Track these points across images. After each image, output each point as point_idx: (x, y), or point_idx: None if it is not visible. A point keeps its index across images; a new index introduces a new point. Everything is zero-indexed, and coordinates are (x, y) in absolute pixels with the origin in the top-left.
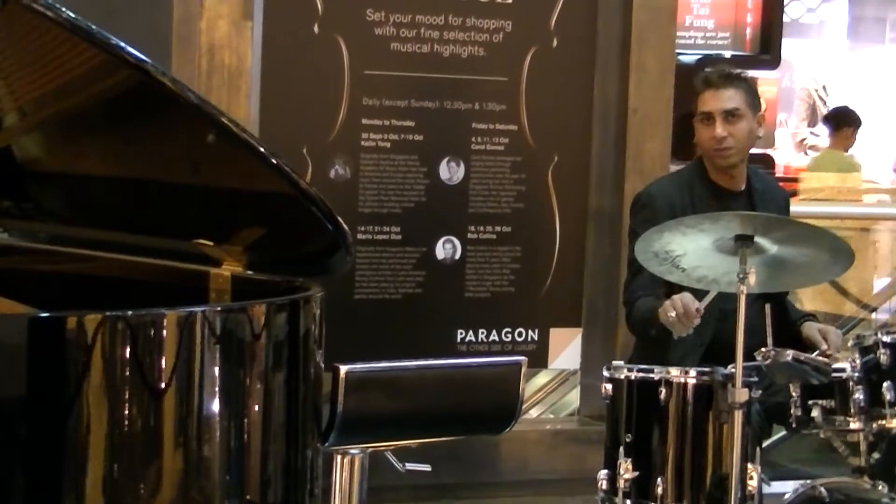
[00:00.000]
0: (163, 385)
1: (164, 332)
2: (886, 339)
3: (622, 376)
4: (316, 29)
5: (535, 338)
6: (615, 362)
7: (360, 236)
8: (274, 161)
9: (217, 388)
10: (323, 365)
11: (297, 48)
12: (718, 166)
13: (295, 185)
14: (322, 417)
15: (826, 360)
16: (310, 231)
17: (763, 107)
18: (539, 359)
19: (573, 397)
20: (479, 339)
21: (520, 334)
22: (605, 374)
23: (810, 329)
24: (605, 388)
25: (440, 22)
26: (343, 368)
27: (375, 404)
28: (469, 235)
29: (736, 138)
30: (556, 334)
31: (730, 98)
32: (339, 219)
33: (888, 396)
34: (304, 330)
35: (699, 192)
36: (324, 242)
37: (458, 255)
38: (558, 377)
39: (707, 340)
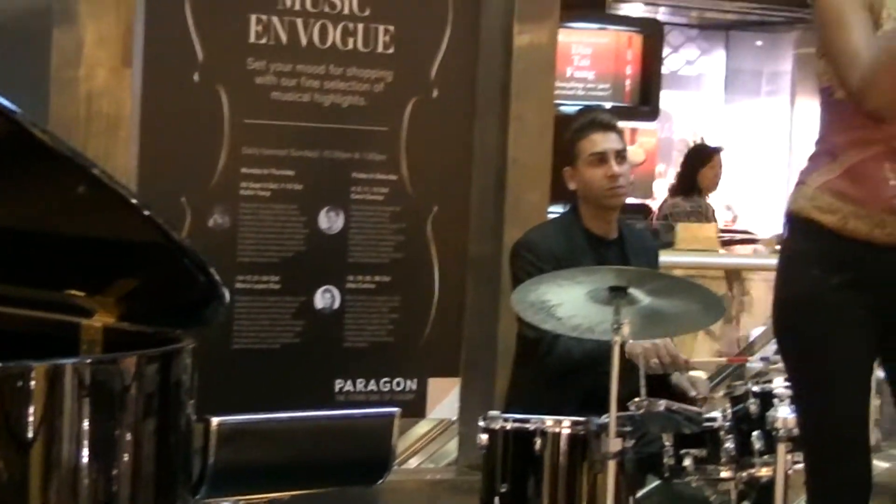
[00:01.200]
0: (30, 437)
1: (33, 384)
2: (756, 389)
3: (498, 426)
4: (196, 77)
5: (414, 387)
6: (491, 412)
7: (238, 285)
8: (146, 212)
9: (86, 440)
10: (195, 416)
11: (176, 96)
12: (607, 208)
13: (167, 236)
14: (193, 469)
15: (698, 410)
16: (183, 282)
17: (642, 158)
18: (417, 408)
19: (452, 447)
20: (358, 389)
21: (398, 384)
22: (481, 423)
23: (679, 377)
24: (480, 438)
25: (321, 72)
26: (215, 420)
27: (248, 456)
28: (348, 285)
29: (626, 178)
30: (434, 384)
31: (617, 140)
32: (213, 270)
33: (758, 445)
34: (176, 381)
35: (576, 239)
36: (198, 293)
37: (336, 305)
38: (437, 427)
39: (588, 389)
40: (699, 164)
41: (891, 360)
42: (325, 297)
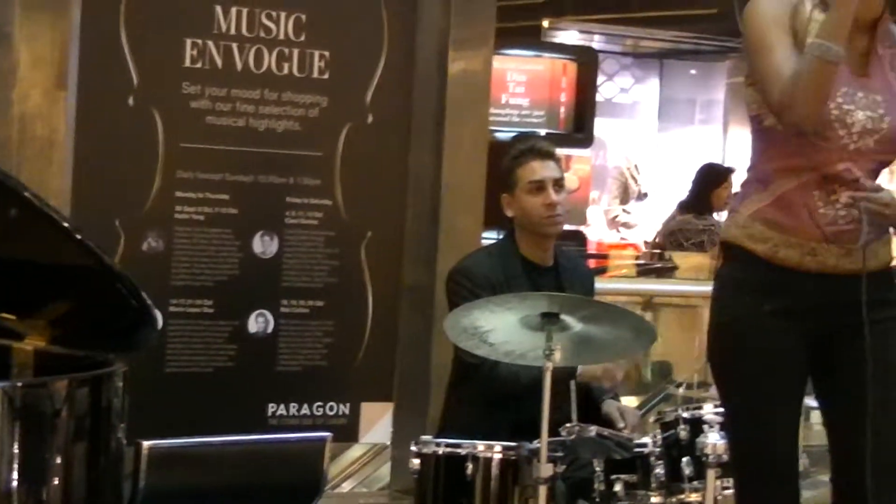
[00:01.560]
0: None
1: None
2: (686, 415)
3: (430, 451)
4: (131, 101)
5: (347, 412)
6: (423, 437)
7: (172, 309)
8: (78, 236)
9: (16, 463)
10: (126, 440)
11: (111, 120)
12: (544, 236)
13: (100, 260)
14: (124, 493)
15: (629, 435)
16: (115, 306)
17: (577, 185)
18: (350, 433)
19: (385, 471)
20: (291, 413)
21: (331, 408)
22: (414, 448)
23: (609, 406)
24: (413, 462)
25: (256, 96)
26: (146, 444)
27: (179, 480)
28: (282, 309)
29: (563, 206)
30: (367, 408)
31: (555, 168)
32: (144, 295)
33: (687, 471)
34: (107, 405)
35: (512, 266)
36: (130, 318)
37: (270, 329)
38: (370, 451)
39: (521, 415)
40: (714, 184)
41: (821, 386)
42: (258, 322)
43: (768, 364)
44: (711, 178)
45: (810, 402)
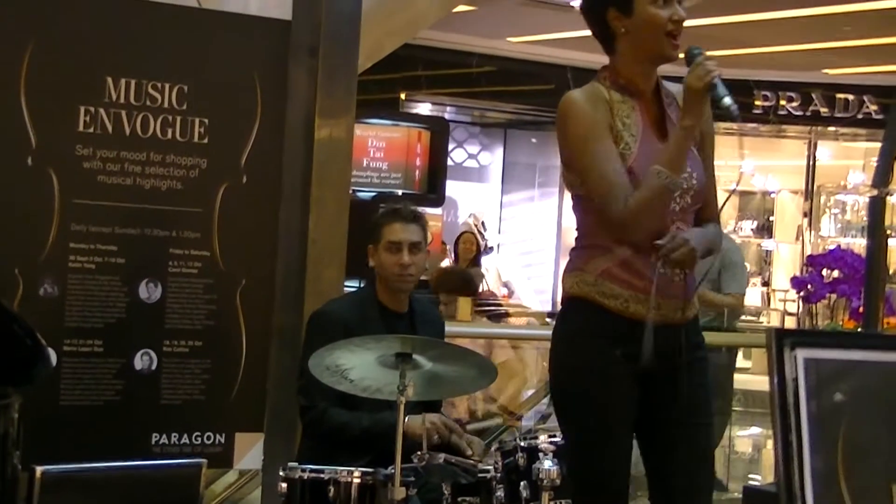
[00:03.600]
0: None
1: None
2: (524, 444)
3: (296, 476)
4: (30, 161)
5: (223, 440)
6: (290, 463)
7: (65, 348)
8: None
9: None
10: (21, 466)
11: (11, 177)
12: (396, 290)
13: None
14: None
15: (473, 462)
16: (11, 345)
17: (429, 239)
18: (226, 460)
19: (256, 494)
20: (172, 442)
21: (208, 437)
22: (282, 473)
23: (458, 440)
24: (280, 486)
25: (143, 158)
26: (39, 469)
27: (69, 502)
28: (165, 348)
29: (416, 267)
30: (241, 438)
31: (416, 232)
32: (38, 335)
33: (525, 494)
34: (3, 433)
35: (369, 312)
36: (24, 354)
37: (154, 366)
38: (244, 476)
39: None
40: None
41: (644, 419)
42: (143, 360)
43: (611, 403)
44: None
45: None
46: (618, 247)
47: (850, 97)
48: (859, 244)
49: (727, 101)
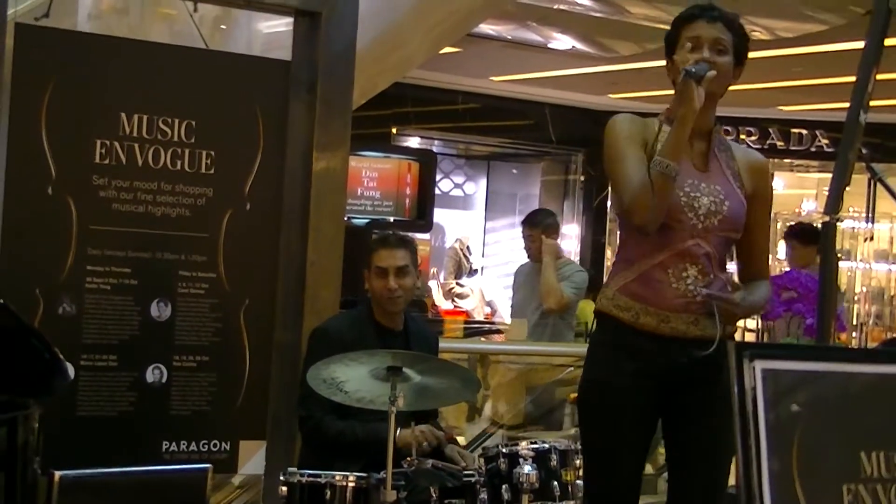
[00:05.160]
0: None
1: None
2: (505, 450)
3: (295, 480)
4: (50, 190)
5: (228, 448)
6: (290, 469)
7: (83, 363)
8: (0, 300)
9: None
10: (41, 471)
11: (33, 205)
12: (387, 311)
13: (18, 320)
14: None
15: (458, 467)
16: (32, 359)
17: (419, 262)
18: (230, 466)
19: (258, 497)
20: (181, 450)
21: (215, 445)
22: (282, 478)
23: (451, 451)
24: (281, 489)
25: (154, 187)
26: (57, 474)
27: None
28: (174, 363)
29: (404, 289)
30: (245, 445)
31: (402, 257)
32: (56, 350)
33: (506, 497)
34: (24, 441)
35: (366, 329)
36: (43, 368)
37: (164, 380)
38: (247, 481)
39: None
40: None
41: (669, 435)
42: (154, 373)
43: (624, 416)
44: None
45: None
46: (641, 260)
47: (804, 132)
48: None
49: (698, 70)
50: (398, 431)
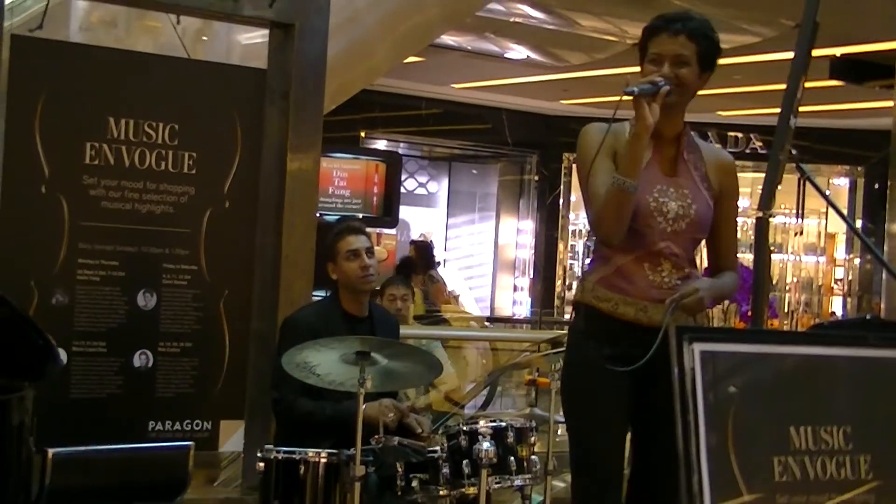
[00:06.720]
0: None
1: None
2: (466, 428)
3: (272, 456)
4: (43, 189)
5: (209, 427)
6: (267, 446)
7: (74, 349)
8: None
9: None
10: (35, 449)
11: (28, 203)
12: (360, 291)
13: (13, 309)
14: (32, 491)
15: (422, 444)
16: (27, 345)
17: (385, 255)
18: (212, 444)
19: (238, 472)
20: (166, 429)
21: (197, 425)
22: (259, 454)
23: (410, 419)
24: (259, 465)
25: (140, 186)
26: (51, 451)
27: (76, 480)
28: (159, 349)
29: (374, 268)
30: (225, 424)
31: (366, 240)
32: (49, 336)
33: (467, 471)
34: (19, 422)
35: (333, 317)
36: (37, 353)
37: (150, 364)
38: (227, 458)
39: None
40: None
41: (636, 419)
42: (141, 358)
43: (602, 397)
44: None
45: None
46: (616, 256)
47: (740, 135)
48: (747, 258)
49: (642, 90)
50: (364, 406)
